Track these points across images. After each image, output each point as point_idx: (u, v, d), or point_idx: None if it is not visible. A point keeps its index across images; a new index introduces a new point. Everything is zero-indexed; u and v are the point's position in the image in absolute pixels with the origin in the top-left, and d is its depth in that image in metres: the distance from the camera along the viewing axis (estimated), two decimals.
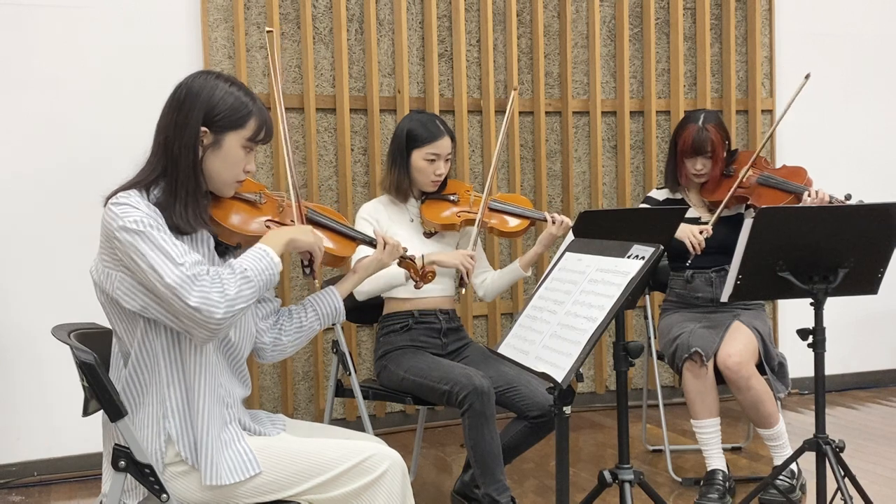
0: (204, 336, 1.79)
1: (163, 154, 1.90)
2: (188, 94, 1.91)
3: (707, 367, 3.06)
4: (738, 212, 3.36)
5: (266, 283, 1.85)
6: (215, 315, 1.74)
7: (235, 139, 1.93)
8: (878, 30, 4.95)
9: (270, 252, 1.88)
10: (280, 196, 2.15)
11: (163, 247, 1.76)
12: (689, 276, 3.35)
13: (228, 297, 1.76)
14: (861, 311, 4.75)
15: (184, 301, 1.73)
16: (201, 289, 1.74)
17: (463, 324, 3.19)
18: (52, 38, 3.63)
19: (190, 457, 1.86)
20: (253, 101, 1.96)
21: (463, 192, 3.06)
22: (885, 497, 3.10)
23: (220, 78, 1.95)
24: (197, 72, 1.98)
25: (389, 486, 1.91)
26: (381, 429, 4.07)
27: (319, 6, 4.03)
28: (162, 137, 1.92)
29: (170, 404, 1.86)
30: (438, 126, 2.97)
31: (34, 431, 3.64)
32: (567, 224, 2.96)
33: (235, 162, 1.95)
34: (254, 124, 1.95)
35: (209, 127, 1.91)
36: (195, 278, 1.74)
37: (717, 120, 3.32)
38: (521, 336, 2.04)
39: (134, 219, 1.78)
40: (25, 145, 3.60)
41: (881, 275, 2.47)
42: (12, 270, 3.60)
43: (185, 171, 1.89)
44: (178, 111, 1.91)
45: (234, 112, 1.92)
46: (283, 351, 2.14)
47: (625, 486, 2.21)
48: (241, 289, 1.79)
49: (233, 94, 1.93)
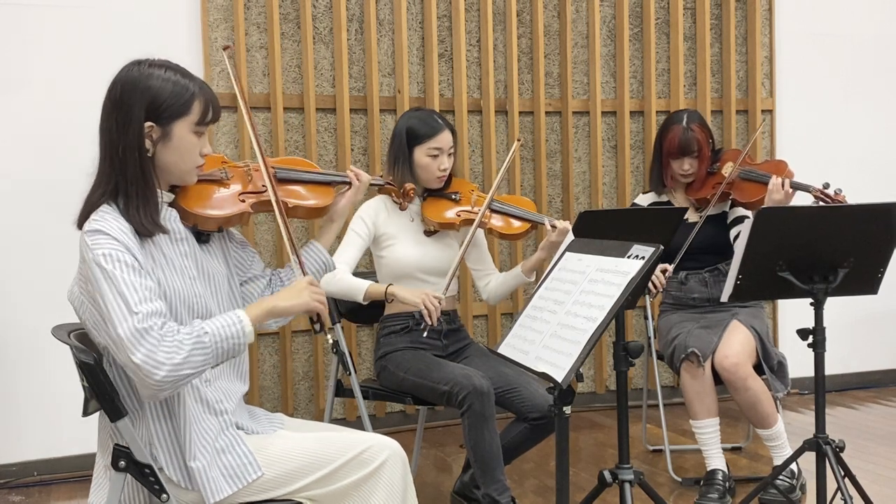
0: (146, 394, 1.71)
1: (109, 159, 1.81)
2: (123, 89, 1.81)
3: (704, 368, 3.06)
4: (722, 210, 3.37)
5: (226, 353, 1.76)
6: (154, 376, 1.66)
7: (184, 126, 1.83)
8: (878, 30, 4.95)
9: (244, 321, 1.78)
10: (245, 164, 2.07)
11: (123, 291, 1.68)
12: (683, 278, 3.35)
13: (174, 362, 1.67)
14: (861, 311, 4.74)
15: (128, 355, 1.66)
16: (148, 345, 1.66)
17: (463, 324, 3.19)
18: (52, 38, 3.63)
19: (183, 481, 1.84)
20: (192, 81, 1.86)
21: (466, 192, 3.02)
22: (885, 497, 3.10)
23: (153, 66, 1.84)
24: (128, 63, 1.87)
25: (389, 475, 1.89)
26: (381, 429, 4.07)
27: (319, 6, 4.03)
28: (105, 140, 1.82)
29: (155, 432, 1.83)
30: (437, 120, 2.94)
31: (34, 431, 3.64)
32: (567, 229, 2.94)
33: (189, 149, 1.85)
34: (199, 107, 1.84)
35: (154, 120, 1.81)
36: (145, 333, 1.66)
37: (700, 119, 3.34)
38: (521, 336, 2.04)
39: (103, 252, 1.71)
40: (25, 145, 3.60)
41: (881, 275, 2.47)
42: (13, 270, 3.60)
43: (134, 172, 1.80)
44: (117, 110, 1.80)
45: (176, 99, 1.81)
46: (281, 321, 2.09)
47: (625, 486, 2.21)
48: (192, 354, 1.70)
49: (170, 80, 1.82)
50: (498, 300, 3.13)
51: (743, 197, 3.24)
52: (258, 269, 2.12)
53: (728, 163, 3.32)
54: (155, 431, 1.83)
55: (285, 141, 3.98)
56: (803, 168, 3.48)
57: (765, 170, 3.24)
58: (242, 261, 2.10)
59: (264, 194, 2.03)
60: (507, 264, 4.26)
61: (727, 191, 3.28)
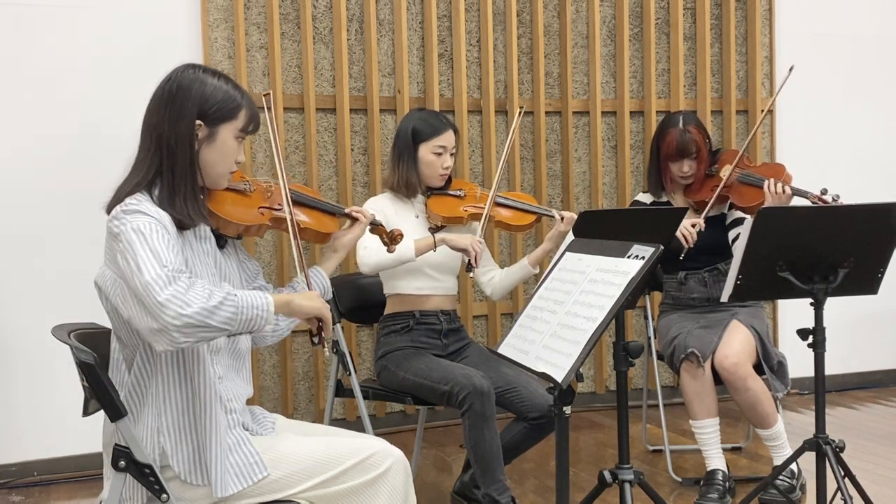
0: (166, 340, 1.70)
1: (157, 150, 1.89)
2: (179, 85, 1.91)
3: (704, 368, 3.06)
4: (721, 211, 3.37)
5: (248, 322, 1.77)
6: (183, 311, 1.66)
7: (229, 130, 1.95)
8: (878, 30, 4.95)
9: (270, 301, 1.82)
10: (266, 182, 2.19)
11: (156, 248, 1.73)
12: (682, 278, 3.36)
13: (204, 305, 1.69)
14: (861, 311, 4.74)
15: (154, 296, 1.67)
16: (176, 287, 1.69)
17: (463, 324, 3.19)
18: (52, 38, 3.63)
19: (183, 472, 1.85)
20: (240, 92, 1.98)
21: (469, 189, 3.06)
22: (885, 497, 3.10)
23: (206, 72, 1.96)
24: (182, 65, 1.98)
25: (392, 482, 1.91)
26: (381, 429, 4.07)
27: (319, 6, 4.03)
28: (155, 133, 1.90)
29: (166, 420, 1.85)
30: (441, 120, 2.99)
31: (34, 431, 3.64)
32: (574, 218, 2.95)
33: (229, 153, 1.96)
34: (245, 115, 1.97)
35: (203, 120, 1.91)
36: (174, 279, 1.70)
37: (697, 120, 3.35)
38: (521, 336, 2.04)
39: (141, 223, 1.77)
40: (25, 145, 3.60)
41: (881, 275, 2.47)
42: (13, 270, 3.60)
43: (183, 164, 1.89)
44: (169, 105, 1.90)
45: (225, 104, 1.93)
46: (282, 334, 2.18)
47: (625, 486, 2.21)
48: (223, 305, 1.72)
49: (222, 88, 1.94)
50: (503, 294, 3.13)
51: (741, 201, 3.23)
52: (261, 282, 2.17)
53: (726, 165, 3.32)
54: (166, 420, 1.85)
55: (285, 141, 3.98)
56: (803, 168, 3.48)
57: (762, 173, 3.24)
58: (249, 272, 2.16)
59: (279, 211, 2.15)
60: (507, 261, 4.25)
61: (726, 194, 3.28)
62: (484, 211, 2.94)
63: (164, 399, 1.85)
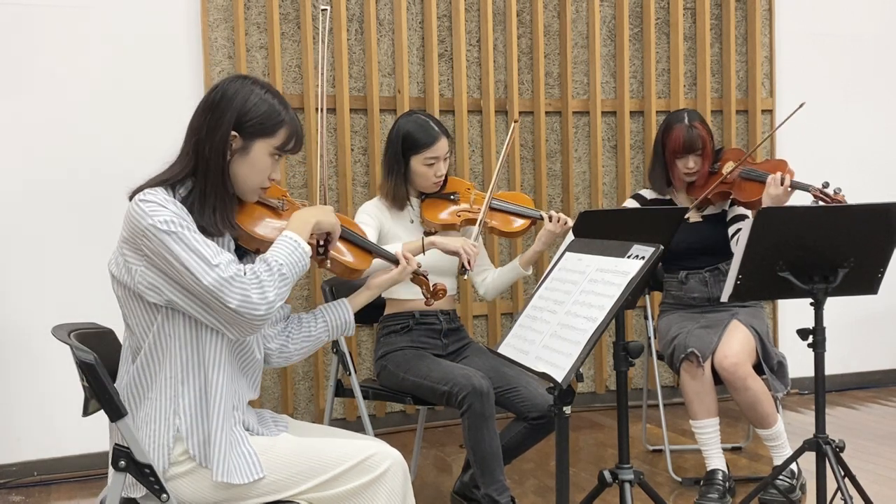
0: (245, 334, 1.83)
1: (193, 154, 1.90)
2: (223, 96, 1.91)
3: (704, 368, 3.06)
4: (722, 209, 3.37)
5: (298, 274, 1.88)
6: (256, 314, 1.77)
7: (264, 147, 1.93)
8: (878, 30, 4.95)
9: (301, 242, 1.89)
10: (303, 203, 2.13)
11: (196, 248, 1.76)
12: (683, 278, 3.36)
13: (268, 300, 1.78)
14: (861, 311, 4.75)
15: (223, 303, 1.75)
16: (241, 290, 1.76)
17: (463, 324, 3.19)
18: (52, 38, 3.63)
19: (198, 454, 1.86)
20: (286, 110, 1.95)
21: (463, 191, 3.03)
22: (885, 497, 3.10)
23: (256, 84, 1.95)
24: (234, 75, 1.98)
25: (390, 484, 1.91)
26: (381, 429, 4.07)
27: (319, 6, 4.03)
28: (194, 138, 1.91)
29: (183, 401, 1.86)
30: (434, 128, 2.93)
31: (34, 431, 3.64)
32: (567, 222, 2.95)
33: (262, 169, 1.94)
34: (284, 134, 1.94)
35: (239, 131, 1.90)
36: (233, 280, 1.76)
37: (701, 118, 3.35)
38: (521, 336, 2.04)
39: (163, 218, 1.77)
40: (25, 145, 3.60)
41: (881, 275, 2.47)
42: (12, 270, 3.60)
43: (215, 173, 1.89)
44: (211, 113, 1.91)
45: (266, 119, 1.92)
46: (289, 358, 2.16)
47: (625, 486, 2.21)
48: (279, 289, 1.81)
49: (267, 102, 1.93)
50: (495, 294, 3.13)
51: (743, 196, 3.24)
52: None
53: (729, 162, 3.33)
54: (183, 401, 1.86)
55: None
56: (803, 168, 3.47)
57: (765, 169, 3.24)
58: None
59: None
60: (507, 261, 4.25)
61: (728, 190, 3.29)
62: (479, 216, 2.92)
63: (183, 381, 1.86)
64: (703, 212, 3.36)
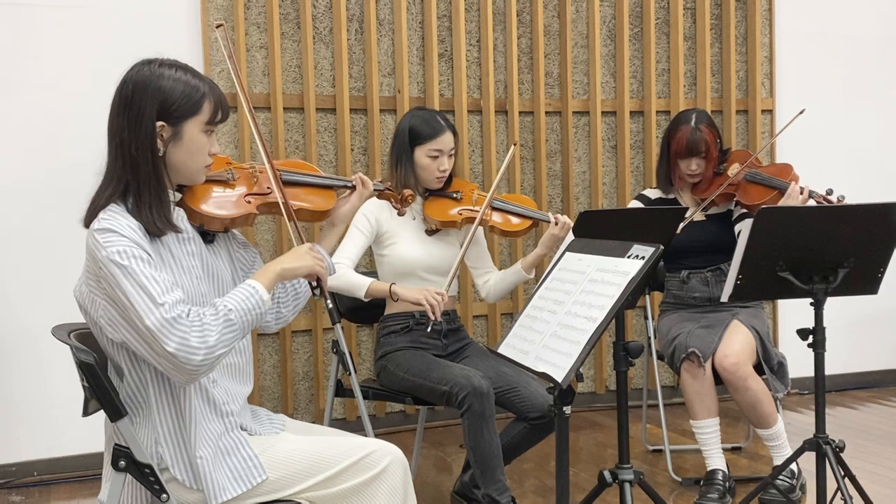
0: (182, 380, 1.74)
1: (120, 158, 1.82)
2: (135, 89, 1.82)
3: (705, 368, 3.06)
4: (727, 209, 3.37)
5: (251, 324, 1.80)
6: (193, 360, 1.70)
7: (194, 126, 1.85)
8: (878, 30, 4.95)
9: (259, 290, 1.82)
10: (251, 166, 2.08)
11: (144, 284, 1.70)
12: (685, 277, 3.36)
13: (208, 344, 1.71)
14: (861, 311, 4.75)
15: (161, 345, 1.68)
16: (180, 333, 1.69)
17: (463, 324, 3.19)
18: (52, 38, 3.63)
19: (187, 479, 1.84)
20: (202, 81, 1.88)
21: (467, 191, 3.04)
22: (885, 497, 3.10)
23: (163, 65, 1.86)
24: (137, 63, 1.88)
25: (391, 481, 1.90)
26: (381, 429, 4.07)
27: (319, 6, 4.03)
28: (116, 140, 1.83)
29: (161, 430, 1.84)
30: (440, 121, 2.95)
31: (34, 431, 3.64)
32: (568, 224, 2.95)
33: (199, 149, 1.87)
34: (209, 106, 1.87)
35: (165, 120, 1.82)
36: (175, 322, 1.69)
37: (709, 119, 3.34)
38: (521, 336, 2.04)
39: (117, 249, 1.71)
40: (25, 145, 3.60)
41: (881, 275, 2.47)
42: (12, 270, 3.60)
43: (146, 172, 1.81)
44: (128, 109, 1.82)
45: (187, 99, 1.83)
46: (286, 319, 2.15)
47: (625, 486, 2.21)
48: (223, 335, 1.74)
49: (181, 80, 1.84)
50: (497, 298, 3.13)
51: (747, 199, 3.24)
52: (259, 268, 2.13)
53: (734, 164, 3.33)
54: (161, 430, 1.84)
55: (285, 141, 3.98)
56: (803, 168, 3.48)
57: (771, 173, 3.24)
58: (245, 261, 2.12)
59: (270, 196, 2.05)
60: (508, 263, 4.25)
61: (732, 191, 3.29)
62: (478, 215, 2.92)
63: (158, 410, 1.84)
64: (707, 211, 3.36)
